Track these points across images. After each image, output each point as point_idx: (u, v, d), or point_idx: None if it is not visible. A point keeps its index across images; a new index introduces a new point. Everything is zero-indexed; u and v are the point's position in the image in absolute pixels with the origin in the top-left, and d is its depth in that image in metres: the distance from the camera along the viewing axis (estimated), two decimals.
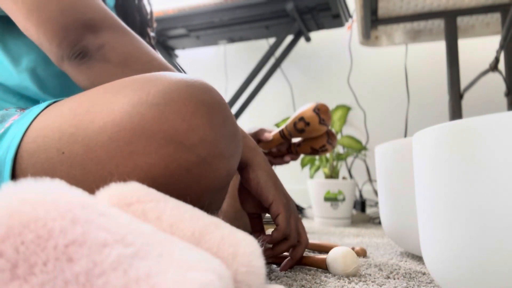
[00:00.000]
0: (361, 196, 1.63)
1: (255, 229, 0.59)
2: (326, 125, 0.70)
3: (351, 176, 1.70)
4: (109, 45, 0.47)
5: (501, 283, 0.30)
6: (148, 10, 0.80)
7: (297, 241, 0.55)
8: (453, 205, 0.34)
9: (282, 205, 0.52)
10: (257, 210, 0.57)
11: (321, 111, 0.70)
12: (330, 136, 0.76)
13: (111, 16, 0.49)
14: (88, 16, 0.47)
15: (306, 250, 0.75)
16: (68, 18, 0.46)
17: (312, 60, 2.00)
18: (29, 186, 0.23)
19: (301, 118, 0.71)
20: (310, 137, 0.76)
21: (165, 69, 0.50)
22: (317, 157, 1.47)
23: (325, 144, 0.75)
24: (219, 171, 0.39)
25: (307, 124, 0.70)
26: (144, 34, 0.78)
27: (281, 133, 0.75)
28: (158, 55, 0.51)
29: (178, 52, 1.86)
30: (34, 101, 0.59)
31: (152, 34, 0.80)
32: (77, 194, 0.24)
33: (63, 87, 0.61)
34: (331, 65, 1.96)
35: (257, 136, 0.78)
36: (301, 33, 1.54)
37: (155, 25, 0.82)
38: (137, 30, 0.75)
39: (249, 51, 2.03)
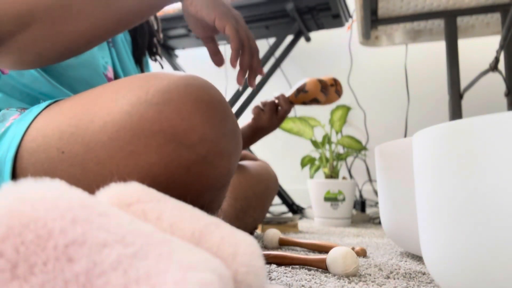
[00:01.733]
0: (361, 196, 1.62)
1: (213, 53, 0.64)
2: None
3: (351, 176, 1.70)
4: None
5: (501, 283, 0.30)
6: (155, 21, 0.83)
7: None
8: (453, 205, 0.34)
9: (225, 17, 0.55)
10: (208, 32, 0.61)
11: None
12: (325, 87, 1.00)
13: None
14: None
15: (306, 250, 0.75)
16: None
17: (312, 60, 2.00)
18: (29, 186, 0.23)
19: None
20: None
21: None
22: (317, 157, 1.47)
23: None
24: (219, 170, 0.39)
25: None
26: (152, 44, 0.83)
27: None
28: None
29: (178, 52, 1.85)
30: (39, 100, 0.59)
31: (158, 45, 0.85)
32: (77, 194, 0.24)
33: (73, 82, 0.61)
34: (331, 65, 1.96)
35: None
36: (301, 33, 1.54)
37: (161, 35, 0.87)
38: (145, 40, 0.79)
39: None
